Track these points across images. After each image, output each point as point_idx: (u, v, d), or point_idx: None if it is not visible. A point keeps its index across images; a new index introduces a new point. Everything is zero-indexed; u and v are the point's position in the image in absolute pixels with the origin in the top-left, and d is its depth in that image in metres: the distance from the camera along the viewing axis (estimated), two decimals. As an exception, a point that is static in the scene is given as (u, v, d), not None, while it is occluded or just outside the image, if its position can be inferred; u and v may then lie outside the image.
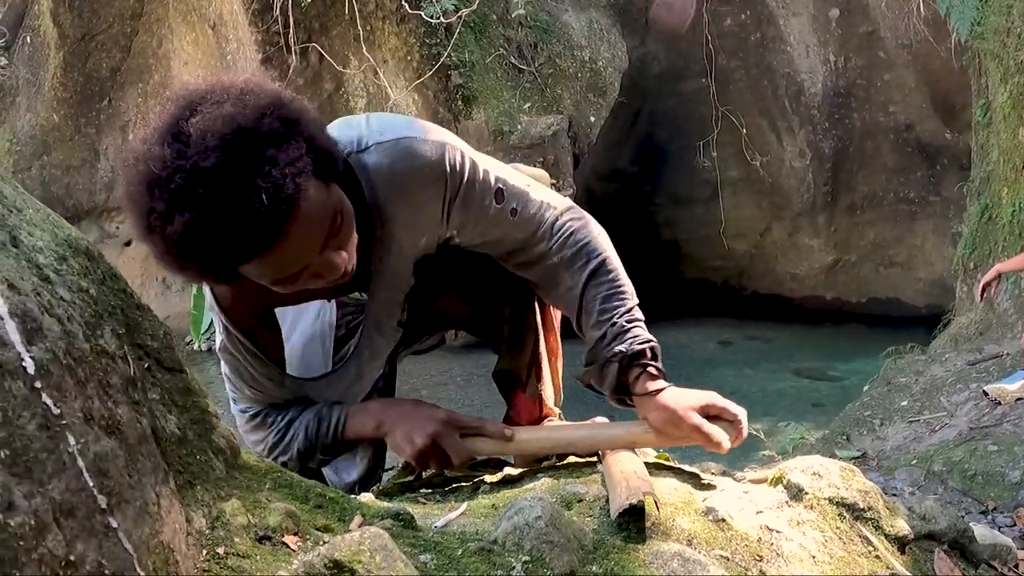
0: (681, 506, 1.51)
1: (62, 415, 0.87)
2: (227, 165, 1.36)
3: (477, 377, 8.15)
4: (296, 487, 1.36)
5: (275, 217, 1.40)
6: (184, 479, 1.15)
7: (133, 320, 1.20)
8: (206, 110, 1.41)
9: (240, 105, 1.43)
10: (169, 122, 1.42)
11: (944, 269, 9.37)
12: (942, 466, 4.08)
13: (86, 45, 10.53)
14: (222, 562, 1.09)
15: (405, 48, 9.03)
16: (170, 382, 1.24)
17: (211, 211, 1.36)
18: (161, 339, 1.24)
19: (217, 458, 1.26)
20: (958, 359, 5.86)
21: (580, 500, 1.54)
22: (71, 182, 10.86)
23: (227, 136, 1.38)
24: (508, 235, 1.85)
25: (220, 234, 1.39)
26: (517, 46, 9.48)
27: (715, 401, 1.72)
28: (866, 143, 10.26)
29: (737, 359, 9.19)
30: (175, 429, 1.19)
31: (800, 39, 10.07)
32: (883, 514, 1.53)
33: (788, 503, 1.55)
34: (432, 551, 1.27)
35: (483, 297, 2.09)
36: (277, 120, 1.44)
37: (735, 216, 11.12)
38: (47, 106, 10.64)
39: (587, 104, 9.66)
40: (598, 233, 1.89)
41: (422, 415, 1.84)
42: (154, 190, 1.38)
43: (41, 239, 1.04)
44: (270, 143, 1.41)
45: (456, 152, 1.76)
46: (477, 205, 1.79)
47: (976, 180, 6.98)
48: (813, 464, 1.62)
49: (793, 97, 10.29)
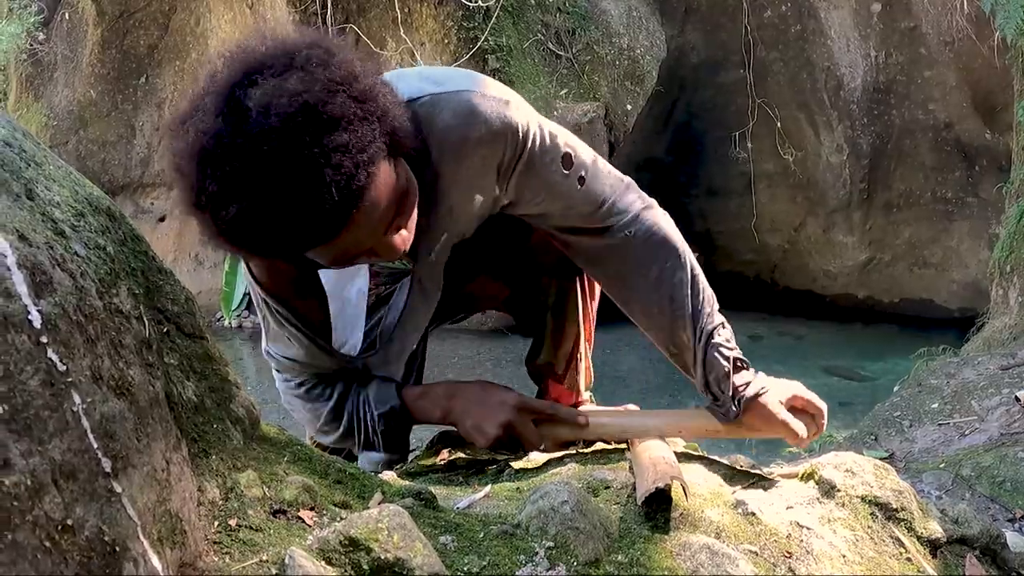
0: (710, 497, 1.48)
1: (68, 372, 0.83)
2: (292, 151, 1.23)
3: (505, 362, 8.14)
4: (316, 461, 1.33)
5: (342, 210, 1.29)
6: (199, 447, 1.12)
7: (154, 283, 1.15)
8: (268, 81, 1.26)
9: (307, 78, 1.27)
10: (223, 89, 1.28)
11: (979, 272, 9.24)
12: (971, 471, 4.01)
13: (124, 22, 10.57)
14: (233, 534, 1.05)
15: (442, 31, 8.99)
16: (190, 348, 1.19)
17: (271, 202, 1.25)
18: (182, 304, 1.20)
19: (235, 428, 1.21)
20: (990, 363, 5.77)
21: (607, 487, 1.51)
22: (107, 157, 10.91)
23: (293, 116, 1.23)
24: (572, 207, 1.72)
25: (279, 226, 1.28)
26: (555, 32, 9.42)
27: (801, 393, 1.73)
28: (904, 140, 10.12)
29: (767, 354, 9.09)
30: (192, 396, 1.15)
31: (841, 32, 9.93)
32: (916, 515, 1.49)
33: (819, 499, 1.52)
34: (453, 532, 1.24)
35: (525, 281, 2.03)
36: (350, 98, 1.29)
37: (769, 210, 11.01)
38: (84, 82, 10.69)
39: (624, 92, 9.58)
40: (668, 217, 1.81)
41: (493, 401, 1.78)
42: (206, 167, 1.26)
43: (59, 194, 1.00)
44: (341, 126, 1.26)
45: (521, 111, 1.61)
46: (542, 171, 1.65)
47: (1016, 182, 6.86)
48: (846, 460, 1.59)
49: (832, 91, 10.16)
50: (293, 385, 1.85)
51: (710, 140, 11.14)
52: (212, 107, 1.27)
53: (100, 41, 10.57)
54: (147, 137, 10.88)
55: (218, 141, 1.25)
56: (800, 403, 1.73)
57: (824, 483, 1.54)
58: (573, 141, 1.72)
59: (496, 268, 2.02)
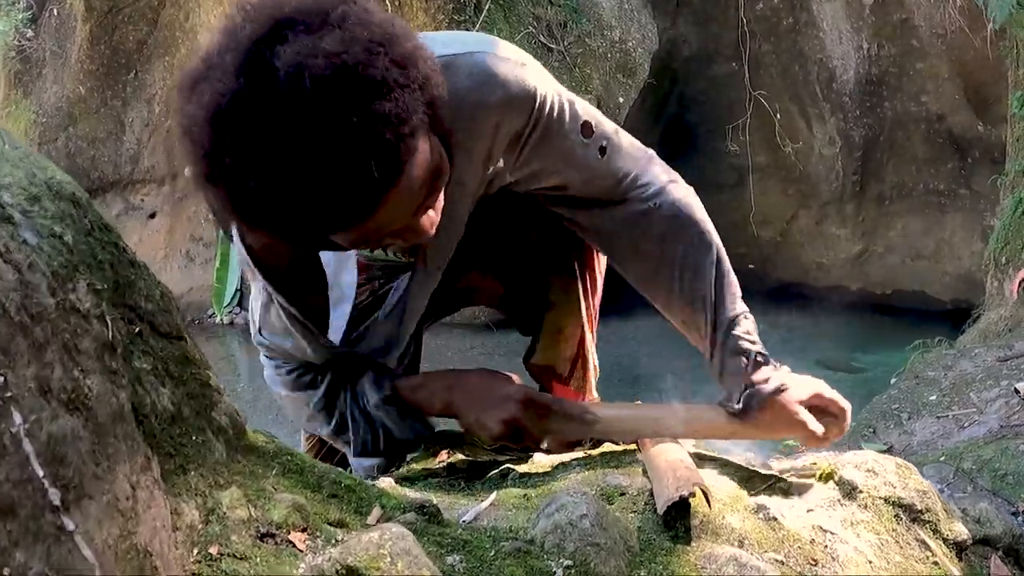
0: (729, 502, 1.42)
1: (6, 385, 0.70)
2: (327, 119, 1.08)
3: (498, 356, 8.09)
4: (308, 473, 1.21)
5: (379, 188, 1.16)
6: (175, 463, 0.99)
7: (124, 278, 1.00)
8: (299, 39, 1.10)
9: (346, 36, 1.11)
10: (246, 45, 1.12)
11: (972, 263, 9.24)
12: (972, 464, 3.98)
13: (113, 18, 10.47)
14: (215, 564, 0.94)
15: (433, 24, 8.94)
16: (165, 350, 1.05)
17: (300, 176, 1.11)
18: (157, 301, 1.06)
19: (217, 439, 1.09)
20: (988, 355, 5.75)
21: (622, 493, 1.43)
22: (97, 154, 10.83)
23: (329, 79, 1.08)
24: (593, 179, 1.60)
25: (307, 204, 1.14)
26: (546, 24, 9.37)
27: (823, 392, 1.63)
28: (897, 133, 10.10)
29: (760, 347, 9.06)
30: (168, 404, 1.01)
31: (833, 25, 9.91)
32: (941, 516, 1.45)
33: (841, 501, 1.46)
34: (461, 551, 1.15)
35: (521, 278, 1.93)
36: (392, 61, 1.14)
37: (761, 203, 10.98)
38: (73, 78, 10.60)
39: (616, 85, 9.55)
40: (694, 195, 1.70)
41: (496, 395, 1.67)
42: (224, 134, 1.11)
43: (11, 175, 0.88)
44: (383, 93, 1.12)
45: (539, 76, 1.49)
46: (560, 139, 1.54)
47: (1011, 173, 6.85)
48: (867, 460, 1.53)
49: (825, 84, 10.14)
50: (283, 372, 1.75)
51: (702, 133, 11.11)
52: (232, 65, 1.11)
53: (89, 37, 10.47)
54: (137, 133, 10.80)
55: (239, 104, 1.09)
56: (822, 402, 1.63)
57: (845, 484, 1.49)
58: (592, 111, 1.61)
59: (490, 263, 1.91)
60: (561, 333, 1.98)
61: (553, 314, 1.96)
